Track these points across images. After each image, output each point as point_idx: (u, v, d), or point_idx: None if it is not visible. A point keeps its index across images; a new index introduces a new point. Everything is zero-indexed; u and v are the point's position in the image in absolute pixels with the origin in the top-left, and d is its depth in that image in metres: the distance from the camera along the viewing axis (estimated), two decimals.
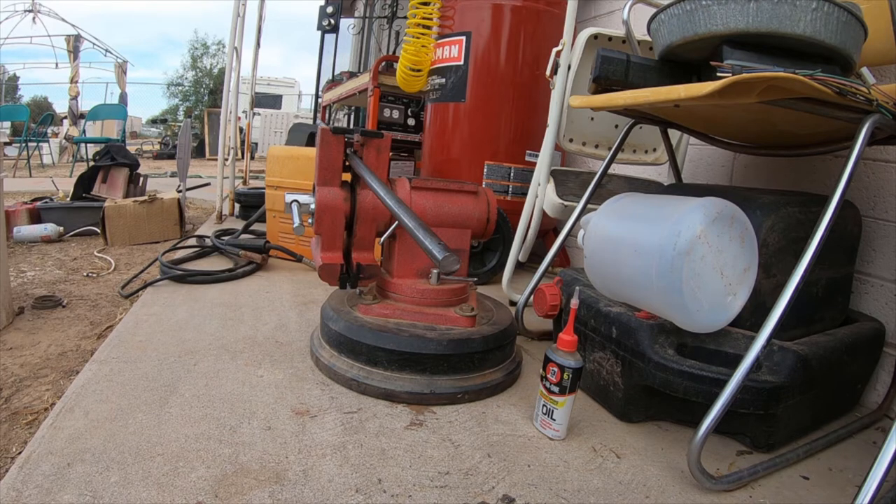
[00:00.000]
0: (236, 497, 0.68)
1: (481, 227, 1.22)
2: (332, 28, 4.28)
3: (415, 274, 1.16)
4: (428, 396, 0.98)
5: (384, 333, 1.02)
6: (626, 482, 0.80)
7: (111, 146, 3.11)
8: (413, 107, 2.69)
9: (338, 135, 1.08)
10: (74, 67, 8.62)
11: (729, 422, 0.85)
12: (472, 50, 1.97)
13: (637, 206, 1.03)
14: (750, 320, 0.94)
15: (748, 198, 0.97)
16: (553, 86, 1.49)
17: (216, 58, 19.53)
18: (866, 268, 1.21)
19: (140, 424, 0.83)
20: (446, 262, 0.78)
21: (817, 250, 0.77)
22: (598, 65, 1.01)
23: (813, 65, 0.77)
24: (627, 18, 1.27)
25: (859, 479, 0.79)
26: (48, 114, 8.21)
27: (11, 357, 1.20)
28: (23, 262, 2.06)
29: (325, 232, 1.09)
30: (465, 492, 0.74)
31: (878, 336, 1.10)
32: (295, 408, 0.93)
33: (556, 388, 0.88)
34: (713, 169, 1.63)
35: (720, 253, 0.87)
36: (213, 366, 1.06)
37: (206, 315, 1.36)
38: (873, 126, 0.77)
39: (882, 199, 1.19)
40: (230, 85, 2.95)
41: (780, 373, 0.87)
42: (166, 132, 13.11)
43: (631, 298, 1.01)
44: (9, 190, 3.70)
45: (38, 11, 8.83)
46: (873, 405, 1.13)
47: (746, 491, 0.81)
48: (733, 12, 0.81)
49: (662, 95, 0.85)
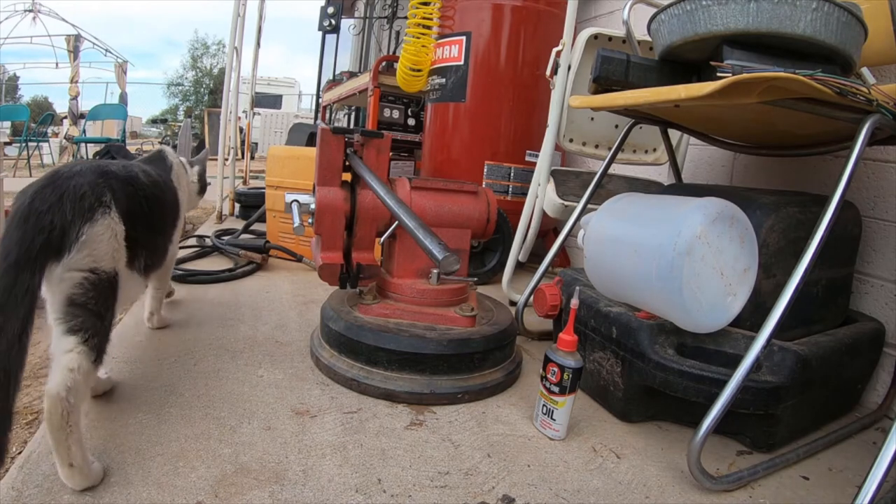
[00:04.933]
0: (236, 497, 0.68)
1: (481, 227, 1.22)
2: (332, 28, 4.28)
3: (415, 274, 1.16)
4: (428, 396, 0.98)
5: (384, 333, 1.02)
6: (626, 482, 0.80)
7: (111, 146, 3.11)
8: (413, 107, 2.69)
9: (338, 135, 1.08)
10: (74, 67, 8.62)
11: (729, 422, 0.85)
12: (473, 50, 1.97)
13: (637, 207, 1.03)
14: (750, 320, 0.94)
15: (748, 198, 0.97)
16: (553, 86, 1.49)
17: (216, 58, 19.52)
18: (866, 268, 1.21)
19: (140, 424, 0.83)
20: (446, 262, 0.78)
21: (817, 250, 0.77)
22: (598, 65, 1.02)
23: (813, 65, 0.77)
24: (627, 18, 1.27)
25: (859, 479, 0.79)
26: (48, 114, 8.21)
27: None
28: None
29: (325, 232, 1.09)
30: (465, 492, 0.74)
31: (878, 336, 1.10)
32: (295, 408, 0.93)
33: (556, 388, 0.88)
34: (713, 169, 1.63)
35: (720, 253, 0.87)
36: (213, 366, 1.06)
37: (206, 315, 1.36)
38: (873, 126, 0.77)
39: (882, 199, 1.19)
40: (230, 85, 2.95)
41: (780, 373, 0.87)
42: (166, 132, 13.11)
43: (631, 298, 1.01)
44: (9, 190, 3.69)
45: (39, 11, 8.83)
46: (873, 405, 1.13)
47: (746, 491, 0.81)
48: (733, 12, 0.81)
49: (662, 95, 0.85)
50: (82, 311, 0.70)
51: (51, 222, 0.65)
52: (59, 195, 0.68)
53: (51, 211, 0.66)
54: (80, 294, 0.70)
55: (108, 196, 0.73)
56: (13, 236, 0.63)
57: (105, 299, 0.73)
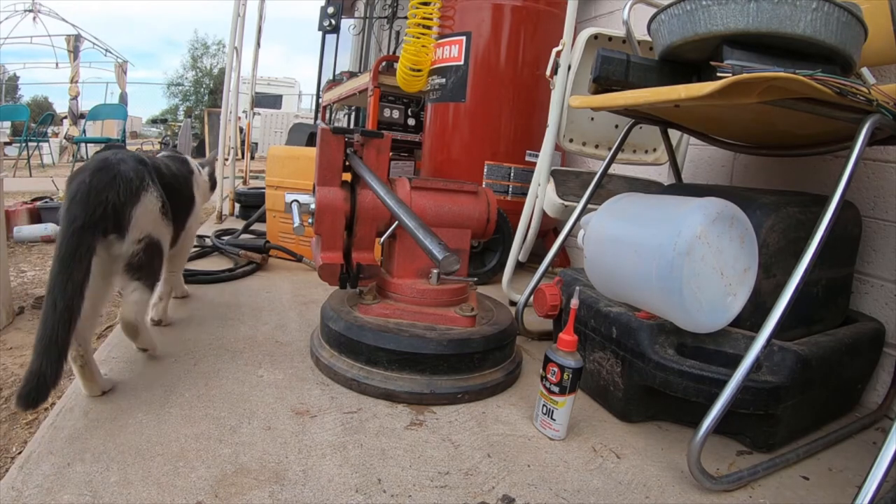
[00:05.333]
0: (236, 497, 0.68)
1: (481, 227, 1.22)
2: (332, 28, 4.28)
3: (415, 274, 1.16)
4: (428, 396, 0.98)
5: (384, 333, 1.02)
6: (626, 482, 0.80)
7: (111, 146, 3.12)
8: (413, 107, 2.69)
9: (338, 135, 1.08)
10: (74, 67, 8.62)
11: (729, 422, 0.85)
12: (473, 50, 1.97)
13: (637, 207, 1.03)
14: (750, 320, 0.94)
15: (748, 198, 0.97)
16: (553, 86, 1.49)
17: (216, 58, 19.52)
18: (866, 268, 1.21)
19: (140, 424, 0.83)
20: (446, 262, 0.78)
21: (817, 250, 0.77)
22: (598, 65, 1.01)
23: (813, 65, 0.77)
24: (627, 18, 1.27)
25: (859, 479, 0.79)
26: (48, 114, 8.21)
27: (11, 357, 1.20)
28: (23, 262, 2.06)
29: (325, 232, 1.09)
30: (465, 492, 0.74)
31: (878, 336, 1.10)
32: (295, 408, 0.93)
33: (556, 388, 0.88)
34: (713, 169, 1.63)
35: (720, 253, 0.87)
36: (213, 366, 1.06)
37: (206, 315, 1.36)
38: (873, 126, 0.77)
39: (882, 199, 1.19)
40: (230, 85, 2.95)
41: (780, 373, 0.87)
42: (166, 132, 13.11)
43: (631, 298, 1.01)
44: (9, 190, 3.69)
45: (39, 11, 8.83)
46: (873, 405, 1.13)
47: (746, 491, 0.81)
48: (733, 12, 0.81)
49: (662, 95, 0.85)
50: (139, 265, 0.95)
51: (107, 198, 0.85)
52: (113, 176, 0.87)
53: (107, 189, 0.86)
54: (136, 254, 0.93)
55: (147, 179, 0.94)
56: (79, 206, 0.82)
57: (153, 255, 0.97)
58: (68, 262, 0.79)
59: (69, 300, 0.77)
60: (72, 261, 0.79)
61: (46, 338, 0.76)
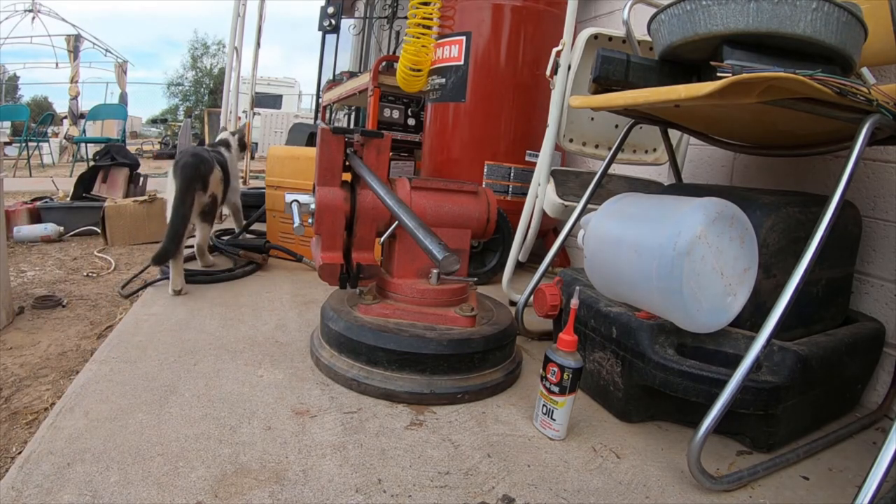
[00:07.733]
0: (236, 497, 0.68)
1: (481, 227, 1.22)
2: (332, 28, 4.29)
3: (415, 274, 1.16)
4: (428, 396, 0.98)
5: (384, 333, 1.02)
6: (626, 482, 0.80)
7: (111, 146, 3.12)
8: (413, 107, 2.69)
9: (338, 135, 1.08)
10: (74, 67, 8.62)
11: (729, 422, 0.85)
12: (473, 50, 1.97)
13: (637, 207, 1.03)
14: (750, 320, 0.95)
15: (748, 198, 0.97)
16: (553, 86, 1.49)
17: (216, 58, 19.53)
18: (866, 268, 1.21)
19: (140, 424, 0.83)
20: (446, 262, 0.78)
21: (817, 250, 0.77)
22: (598, 65, 1.01)
23: (813, 65, 0.77)
24: (627, 18, 1.27)
25: (859, 479, 0.79)
26: (48, 114, 8.21)
27: (11, 357, 1.20)
28: (23, 262, 2.06)
29: (325, 232, 1.09)
30: (465, 492, 0.74)
31: (878, 336, 1.10)
32: (295, 408, 0.93)
33: (556, 388, 0.88)
34: (713, 169, 1.63)
35: (720, 253, 0.87)
36: (213, 366, 1.06)
37: (206, 315, 1.36)
38: (873, 126, 0.77)
39: (882, 199, 1.19)
40: (230, 85, 2.95)
41: (780, 373, 0.87)
42: (166, 132, 13.11)
43: (631, 298, 1.01)
44: (9, 190, 3.69)
45: (39, 11, 8.83)
46: (873, 405, 1.13)
47: (746, 491, 0.81)
48: (733, 12, 0.81)
49: (662, 95, 0.85)
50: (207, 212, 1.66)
51: (198, 169, 1.54)
52: (201, 158, 1.57)
53: (196, 165, 1.53)
54: (207, 205, 1.63)
55: (215, 161, 1.65)
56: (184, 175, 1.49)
57: (213, 206, 1.69)
58: (183, 197, 1.47)
59: (184, 216, 1.46)
60: (185, 197, 1.47)
61: (172, 231, 1.43)
